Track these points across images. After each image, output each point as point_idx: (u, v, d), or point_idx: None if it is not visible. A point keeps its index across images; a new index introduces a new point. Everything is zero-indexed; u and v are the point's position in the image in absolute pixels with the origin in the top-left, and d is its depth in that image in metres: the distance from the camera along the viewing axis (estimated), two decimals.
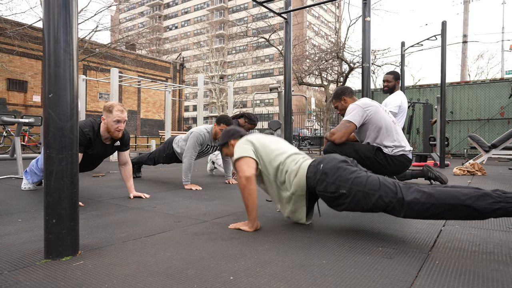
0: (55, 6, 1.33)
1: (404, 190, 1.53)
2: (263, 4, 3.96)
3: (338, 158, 1.73)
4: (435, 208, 1.45)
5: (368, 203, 1.57)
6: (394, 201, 1.52)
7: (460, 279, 1.15)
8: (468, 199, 1.40)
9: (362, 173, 1.65)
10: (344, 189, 1.61)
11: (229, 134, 2.02)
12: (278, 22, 22.05)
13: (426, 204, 1.46)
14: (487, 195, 1.38)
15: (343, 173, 1.64)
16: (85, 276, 1.17)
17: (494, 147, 5.66)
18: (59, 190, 1.33)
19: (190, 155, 3.35)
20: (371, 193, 1.56)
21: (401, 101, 3.53)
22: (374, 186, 1.57)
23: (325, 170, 1.68)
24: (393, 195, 1.52)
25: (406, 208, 1.50)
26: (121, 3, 19.75)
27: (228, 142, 2.01)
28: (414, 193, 1.50)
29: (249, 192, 1.72)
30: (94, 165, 2.83)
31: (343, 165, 1.68)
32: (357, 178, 1.61)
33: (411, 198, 1.49)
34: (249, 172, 1.74)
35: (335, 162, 1.70)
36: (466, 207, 1.40)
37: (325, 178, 1.67)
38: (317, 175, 1.70)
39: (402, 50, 7.09)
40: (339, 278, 1.16)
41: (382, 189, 1.55)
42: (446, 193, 1.45)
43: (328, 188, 1.65)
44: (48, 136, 1.33)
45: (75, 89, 1.39)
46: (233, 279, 1.15)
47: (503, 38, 18.44)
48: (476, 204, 1.38)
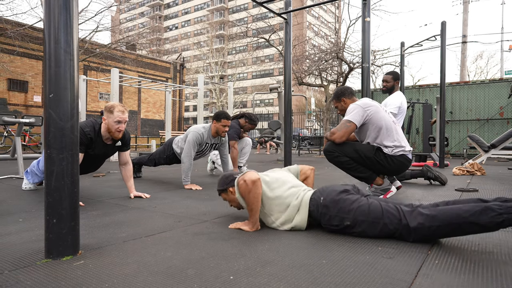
0: (56, 6, 1.33)
1: (407, 215, 1.53)
2: (263, 4, 3.97)
3: (337, 189, 1.71)
4: (441, 229, 1.46)
5: (374, 231, 1.59)
6: (400, 228, 1.54)
7: (459, 279, 1.16)
8: (470, 216, 1.39)
9: (363, 200, 1.64)
10: (348, 220, 1.62)
11: (227, 180, 1.93)
12: (278, 22, 22.05)
13: (432, 228, 1.47)
14: (488, 209, 1.37)
15: (344, 205, 1.64)
16: (85, 276, 1.18)
17: (494, 147, 5.66)
18: (59, 190, 1.33)
19: (190, 155, 3.35)
20: (376, 222, 1.57)
21: (401, 102, 3.54)
22: (377, 214, 1.57)
23: (325, 203, 1.68)
24: (397, 221, 1.54)
25: (413, 234, 1.52)
26: (122, 4, 19.77)
27: (226, 189, 1.93)
28: (417, 218, 1.50)
29: (255, 196, 1.71)
30: (97, 165, 2.82)
31: (343, 196, 1.67)
32: (359, 207, 1.61)
33: (415, 224, 1.50)
34: (255, 176, 1.72)
35: (334, 194, 1.69)
36: (471, 224, 1.40)
37: (327, 211, 1.67)
38: (319, 208, 1.70)
39: (402, 50, 7.10)
40: (339, 278, 1.16)
41: (385, 216, 1.56)
42: (449, 212, 1.45)
43: (331, 221, 1.66)
44: (49, 136, 1.34)
45: (76, 89, 1.39)
46: (233, 278, 1.16)
47: (502, 38, 18.46)
48: (480, 220, 1.38)
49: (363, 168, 2.55)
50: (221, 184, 1.96)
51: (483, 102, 8.84)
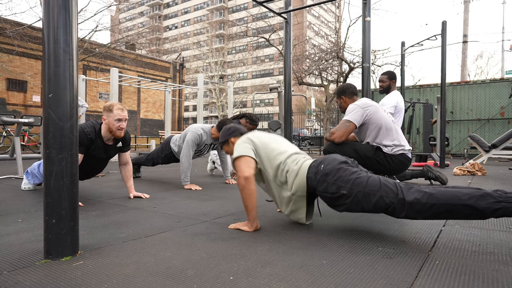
0: (55, 6, 1.33)
1: (405, 190, 1.53)
2: (263, 4, 3.96)
3: (338, 159, 1.73)
4: (436, 208, 1.45)
5: (369, 203, 1.57)
6: (395, 201, 1.52)
7: (460, 279, 1.15)
8: (469, 198, 1.40)
9: (363, 173, 1.65)
10: (344, 189, 1.61)
11: (229, 132, 2.01)
12: (278, 22, 22.05)
13: (427, 204, 1.46)
14: (488, 195, 1.38)
15: (344, 174, 1.64)
16: (85, 276, 1.17)
17: (494, 147, 5.66)
18: (59, 190, 1.33)
19: (188, 155, 3.34)
20: (372, 194, 1.56)
21: (397, 101, 3.53)
22: (375, 186, 1.57)
23: (325, 171, 1.68)
24: (394, 195, 1.52)
25: (407, 208, 1.50)
26: (121, 3, 19.75)
27: (228, 140, 2.01)
28: (415, 193, 1.50)
29: (248, 192, 1.71)
30: (101, 167, 2.80)
31: (343, 166, 1.67)
32: (358, 178, 1.61)
33: (412, 198, 1.49)
34: (248, 172, 1.73)
35: (336, 163, 1.69)
36: (467, 206, 1.39)
37: (326, 178, 1.67)
38: (318, 175, 1.70)
39: (402, 50, 7.09)
40: (339, 278, 1.16)
41: (382, 190, 1.55)
42: (447, 193, 1.45)
43: (328, 188, 1.65)
44: (48, 136, 1.33)
45: (75, 89, 1.38)
46: (233, 279, 1.15)
47: (503, 38, 18.45)
48: (477, 204, 1.38)
49: None
50: (223, 136, 2.02)
51: (483, 102, 8.84)
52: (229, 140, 2.00)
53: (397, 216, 1.54)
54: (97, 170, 2.81)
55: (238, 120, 4.43)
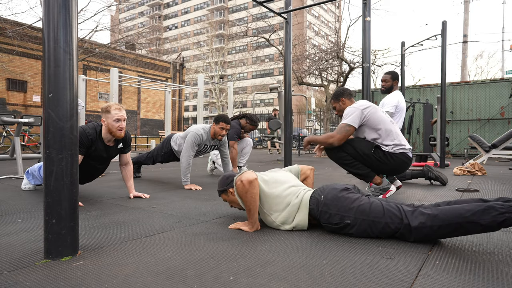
0: (55, 6, 1.33)
1: (409, 215, 1.52)
2: (263, 4, 3.96)
3: (338, 187, 1.71)
4: (442, 229, 1.45)
5: (374, 231, 1.57)
6: (401, 227, 1.52)
7: (460, 279, 1.15)
8: (472, 215, 1.39)
9: (364, 199, 1.63)
10: (348, 219, 1.60)
11: (227, 181, 1.92)
12: (278, 22, 22.04)
13: (433, 227, 1.46)
14: (490, 208, 1.37)
15: (345, 203, 1.62)
16: (85, 276, 1.17)
17: (495, 147, 5.66)
18: (59, 190, 1.33)
19: (188, 155, 3.35)
20: (377, 221, 1.56)
21: (398, 101, 3.52)
22: (378, 213, 1.56)
23: (326, 201, 1.67)
24: (398, 221, 1.53)
25: (414, 233, 1.50)
26: (121, 3, 19.75)
27: (227, 190, 1.92)
28: (419, 218, 1.49)
29: (252, 196, 1.70)
30: (102, 169, 2.79)
31: (344, 194, 1.66)
32: (360, 206, 1.59)
33: (416, 223, 1.49)
34: (252, 176, 1.71)
35: (336, 192, 1.68)
36: (472, 223, 1.39)
37: (327, 209, 1.66)
38: (319, 206, 1.68)
39: (402, 50, 7.09)
40: (339, 278, 1.16)
41: (387, 216, 1.55)
42: (450, 212, 1.44)
43: (331, 219, 1.65)
44: (48, 136, 1.33)
45: (75, 89, 1.38)
46: (233, 279, 1.15)
47: (503, 38, 18.45)
48: (482, 219, 1.37)
49: (361, 165, 2.54)
50: (221, 185, 1.95)
51: (484, 102, 8.84)
52: (228, 191, 1.91)
53: (407, 240, 1.55)
54: (99, 172, 2.79)
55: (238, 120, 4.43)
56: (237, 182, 1.73)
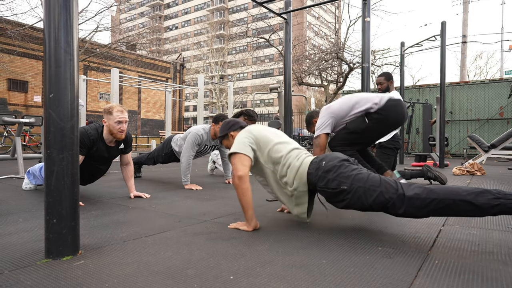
0: (56, 6, 1.33)
1: (405, 186, 1.55)
2: (263, 4, 3.97)
3: (340, 156, 1.75)
4: (435, 203, 1.46)
5: (368, 199, 1.58)
6: (395, 197, 1.53)
7: (459, 279, 1.16)
8: (468, 194, 1.42)
9: (363, 170, 1.68)
10: (345, 185, 1.63)
11: (229, 125, 2.01)
12: (278, 22, 22.04)
13: (427, 199, 1.47)
14: (487, 192, 1.41)
15: (345, 170, 1.66)
16: (85, 276, 1.18)
17: (494, 147, 5.66)
18: (59, 190, 1.33)
19: (188, 155, 3.35)
20: (372, 189, 1.57)
21: None
22: (375, 182, 1.59)
23: (327, 167, 1.70)
24: (393, 191, 1.54)
25: (406, 203, 1.50)
26: (122, 4, 19.77)
27: (228, 134, 2.01)
28: (415, 189, 1.52)
29: (242, 192, 1.72)
30: (104, 169, 2.79)
31: (345, 163, 1.70)
32: (358, 174, 1.63)
33: (412, 193, 1.50)
34: (242, 171, 1.73)
35: (337, 160, 1.72)
36: (466, 202, 1.41)
37: (327, 175, 1.68)
38: (319, 171, 1.71)
39: (402, 50, 7.09)
40: (339, 278, 1.17)
41: (383, 185, 1.57)
42: (446, 189, 1.48)
43: (329, 184, 1.67)
44: (49, 136, 1.34)
45: (76, 89, 1.39)
46: (233, 278, 1.16)
47: (502, 38, 18.46)
48: (476, 200, 1.39)
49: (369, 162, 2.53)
50: (222, 130, 2.02)
51: (483, 102, 8.84)
52: (229, 134, 2.01)
53: (396, 212, 1.54)
54: (101, 173, 2.80)
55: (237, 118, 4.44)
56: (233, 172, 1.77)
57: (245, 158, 1.79)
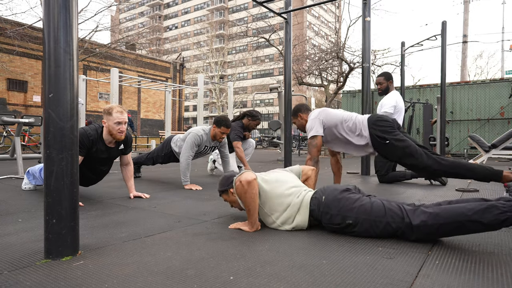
0: (55, 6, 1.33)
1: (410, 213, 1.52)
2: (263, 4, 3.96)
3: (339, 188, 1.72)
4: (443, 228, 1.45)
5: (376, 230, 1.57)
6: (402, 226, 1.52)
7: (460, 279, 1.15)
8: (474, 214, 1.39)
9: (365, 199, 1.64)
10: (350, 219, 1.61)
11: (228, 181, 1.92)
12: (278, 22, 22.04)
13: (435, 226, 1.46)
14: (492, 207, 1.38)
15: (347, 203, 1.63)
16: (85, 276, 1.18)
17: (494, 147, 5.66)
18: (59, 190, 1.33)
19: (187, 155, 3.35)
20: (378, 220, 1.56)
21: (396, 101, 3.53)
22: (380, 212, 1.56)
23: (327, 202, 1.67)
24: (400, 220, 1.53)
25: (415, 232, 1.50)
26: (121, 3, 19.77)
27: (228, 190, 1.91)
28: (420, 216, 1.49)
29: (251, 196, 1.70)
30: (105, 170, 2.79)
31: (345, 195, 1.66)
32: (362, 206, 1.60)
33: (418, 222, 1.49)
34: (251, 176, 1.71)
35: (337, 192, 1.68)
36: (473, 222, 1.39)
37: (329, 210, 1.66)
38: (321, 207, 1.69)
39: (402, 50, 7.09)
40: (339, 278, 1.16)
41: (388, 215, 1.55)
42: (452, 211, 1.45)
43: (333, 220, 1.65)
44: (48, 136, 1.33)
45: (75, 89, 1.39)
46: (233, 279, 1.15)
47: (503, 38, 18.45)
48: (483, 218, 1.38)
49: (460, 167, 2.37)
50: (221, 185, 1.95)
51: (483, 102, 8.84)
52: (229, 191, 1.90)
53: (408, 239, 1.55)
54: (103, 174, 2.79)
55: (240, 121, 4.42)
56: (236, 182, 1.73)
57: (252, 173, 1.76)
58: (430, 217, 1.47)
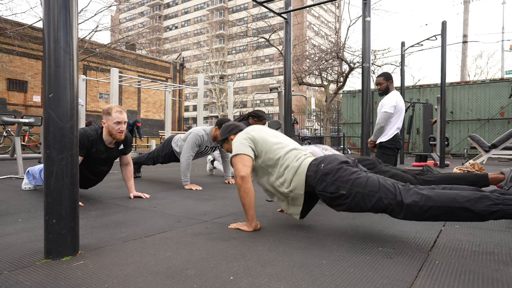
0: (55, 6, 1.33)
1: (403, 192, 1.53)
2: (263, 4, 3.96)
3: (339, 158, 1.73)
4: (433, 210, 1.45)
5: (367, 204, 1.57)
6: (394, 203, 1.52)
7: (460, 279, 1.15)
8: (466, 201, 1.40)
9: (362, 173, 1.65)
10: (344, 190, 1.61)
11: (229, 129, 2.05)
12: (278, 22, 22.04)
13: (425, 207, 1.46)
14: (485, 197, 1.38)
15: (343, 174, 1.64)
16: (85, 276, 1.17)
17: (494, 147, 5.66)
18: (59, 190, 1.33)
19: (188, 155, 3.35)
20: (371, 195, 1.56)
21: (396, 101, 3.52)
22: (374, 187, 1.57)
23: (325, 170, 1.68)
24: (392, 197, 1.53)
25: (405, 210, 1.50)
26: (121, 3, 19.77)
27: (227, 137, 2.04)
28: (413, 196, 1.50)
29: (245, 191, 1.72)
30: (105, 170, 2.78)
31: (343, 166, 1.67)
32: (357, 179, 1.61)
33: (410, 201, 1.49)
34: (244, 171, 1.73)
35: (336, 162, 1.69)
36: (464, 209, 1.40)
37: (325, 178, 1.66)
38: (317, 174, 1.69)
39: (402, 50, 7.09)
40: (339, 278, 1.16)
41: (381, 191, 1.55)
42: (445, 196, 1.45)
43: (327, 188, 1.65)
44: (48, 136, 1.33)
45: (75, 89, 1.39)
46: (233, 279, 1.15)
47: (503, 38, 18.45)
48: (474, 207, 1.38)
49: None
50: (222, 134, 2.04)
51: (483, 102, 8.84)
52: (229, 138, 2.03)
53: (395, 217, 1.55)
54: (103, 174, 2.79)
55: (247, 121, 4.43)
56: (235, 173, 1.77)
57: (247, 158, 1.78)
58: (422, 198, 1.47)
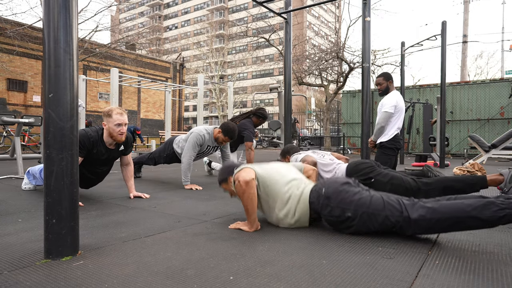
0: (55, 6, 1.33)
1: (409, 207, 1.52)
2: (263, 4, 3.96)
3: (339, 181, 1.72)
4: (441, 222, 1.45)
5: (374, 223, 1.57)
6: (401, 220, 1.52)
7: (460, 279, 1.15)
8: (473, 210, 1.39)
9: (365, 193, 1.64)
10: (349, 212, 1.61)
11: (228, 170, 1.94)
12: (278, 22, 22.04)
13: (432, 220, 1.46)
14: (491, 203, 1.38)
15: (346, 196, 1.63)
16: (85, 276, 1.17)
17: (494, 147, 5.66)
18: (59, 190, 1.33)
19: (189, 156, 3.34)
20: (377, 214, 1.56)
21: (397, 101, 3.52)
22: (379, 206, 1.57)
23: (327, 194, 1.68)
24: (398, 214, 1.53)
25: (413, 226, 1.50)
26: (121, 3, 19.77)
27: (227, 178, 1.93)
28: (419, 210, 1.49)
29: (249, 196, 1.71)
30: (106, 171, 2.78)
31: (345, 188, 1.67)
32: (361, 199, 1.60)
33: (416, 216, 1.49)
34: (249, 176, 1.72)
35: (337, 185, 1.69)
36: (472, 218, 1.40)
37: (329, 202, 1.66)
38: (320, 199, 1.69)
39: (402, 50, 7.09)
40: (339, 278, 1.16)
41: (387, 208, 1.55)
42: (450, 206, 1.45)
43: (333, 212, 1.65)
44: (48, 136, 1.33)
45: (75, 89, 1.38)
46: (233, 279, 1.15)
47: (503, 38, 18.47)
48: (482, 214, 1.38)
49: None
50: (221, 174, 1.98)
51: (483, 102, 8.84)
52: (228, 179, 1.92)
53: (405, 233, 1.55)
54: (103, 175, 2.79)
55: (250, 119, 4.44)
56: (236, 181, 1.74)
57: (251, 170, 1.77)
58: (428, 211, 1.47)
